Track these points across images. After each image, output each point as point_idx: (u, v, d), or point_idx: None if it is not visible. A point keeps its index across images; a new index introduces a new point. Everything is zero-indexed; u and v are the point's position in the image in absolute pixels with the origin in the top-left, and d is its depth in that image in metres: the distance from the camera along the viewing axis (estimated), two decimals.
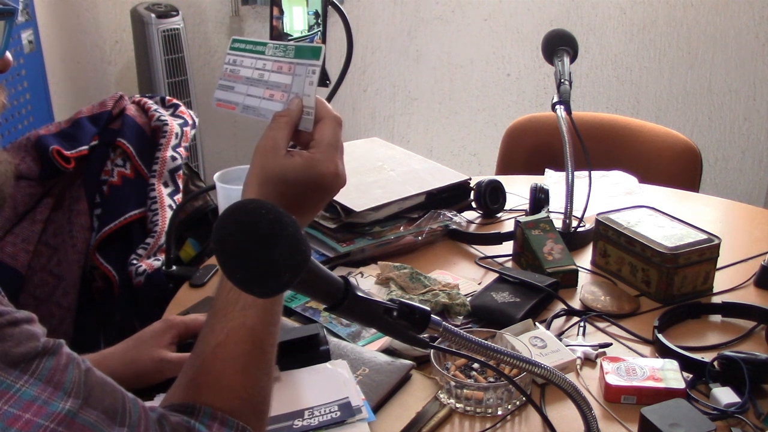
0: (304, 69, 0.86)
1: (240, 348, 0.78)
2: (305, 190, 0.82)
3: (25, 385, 0.61)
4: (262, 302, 0.79)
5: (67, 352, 0.66)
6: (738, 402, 1.06)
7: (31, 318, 0.66)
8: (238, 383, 0.77)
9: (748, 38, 3.25)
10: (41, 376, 0.62)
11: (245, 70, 0.92)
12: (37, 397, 0.61)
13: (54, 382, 0.62)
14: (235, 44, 0.94)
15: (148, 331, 1.13)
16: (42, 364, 0.62)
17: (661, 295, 1.36)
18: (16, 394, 0.60)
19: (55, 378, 0.63)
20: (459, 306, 1.30)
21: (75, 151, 1.66)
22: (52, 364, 0.63)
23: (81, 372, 0.66)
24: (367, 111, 3.47)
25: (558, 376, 0.79)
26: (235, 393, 0.77)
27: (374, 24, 3.34)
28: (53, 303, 1.65)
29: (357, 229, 1.50)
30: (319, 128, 0.84)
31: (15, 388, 0.60)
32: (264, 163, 0.81)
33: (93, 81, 3.29)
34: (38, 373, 0.62)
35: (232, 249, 0.63)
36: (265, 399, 0.80)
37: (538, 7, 3.29)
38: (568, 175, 1.54)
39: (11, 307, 0.65)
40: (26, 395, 0.61)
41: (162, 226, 1.66)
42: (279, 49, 0.89)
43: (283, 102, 0.87)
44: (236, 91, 0.91)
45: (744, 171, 3.46)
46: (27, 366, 0.62)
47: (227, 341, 0.78)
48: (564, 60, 1.64)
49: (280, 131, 0.82)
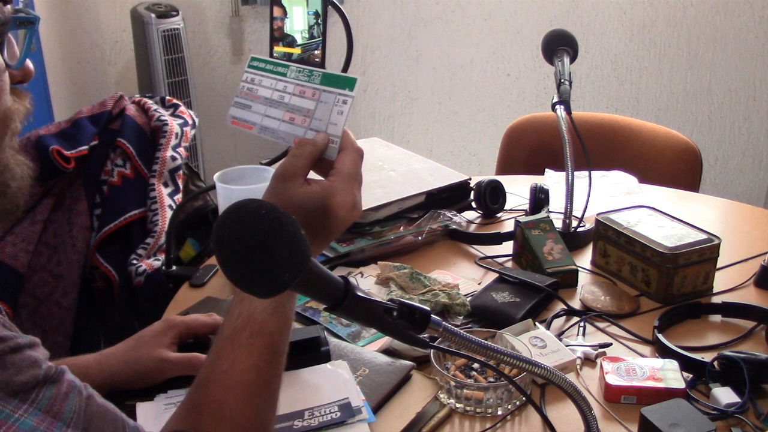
0: (333, 97, 0.84)
1: (245, 377, 0.77)
2: (321, 219, 0.81)
3: (24, 415, 0.60)
4: (269, 331, 0.78)
5: (69, 379, 0.65)
6: (738, 402, 1.06)
7: (34, 343, 0.65)
8: (240, 413, 0.76)
9: (748, 38, 3.25)
10: (41, 405, 0.61)
11: (264, 90, 0.89)
12: (36, 427, 0.60)
13: (53, 412, 0.62)
14: (253, 62, 0.91)
15: (149, 331, 1.13)
16: (42, 393, 0.62)
17: (661, 295, 1.36)
18: (15, 424, 0.59)
19: (54, 408, 0.62)
20: (459, 306, 1.30)
21: (75, 151, 1.66)
22: (52, 393, 0.62)
23: (82, 400, 0.65)
24: (367, 111, 3.47)
25: (558, 376, 0.79)
26: (236, 423, 0.76)
27: (374, 24, 3.34)
28: (53, 303, 1.65)
29: (357, 229, 1.50)
30: (340, 158, 0.83)
31: (14, 417, 0.59)
32: (282, 189, 0.80)
33: (93, 81, 3.29)
34: (38, 403, 0.61)
35: (232, 249, 0.63)
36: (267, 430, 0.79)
37: (538, 7, 3.29)
38: (568, 175, 1.54)
39: (15, 330, 0.64)
40: (25, 425, 0.60)
41: (162, 226, 1.66)
42: (303, 73, 0.87)
43: (304, 127, 0.85)
44: (253, 111, 0.89)
45: (744, 171, 3.46)
46: (27, 395, 0.61)
47: (233, 369, 0.76)
48: (564, 60, 1.64)
49: (302, 160, 0.81)
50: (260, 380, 0.78)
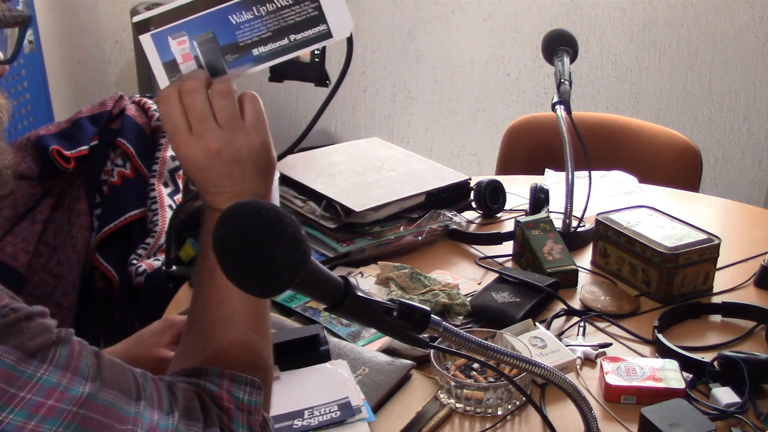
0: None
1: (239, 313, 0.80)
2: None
3: (45, 374, 0.63)
4: None
5: (77, 339, 0.68)
6: (738, 402, 1.07)
7: (44, 312, 0.68)
8: (242, 343, 0.80)
9: (748, 38, 3.25)
10: (59, 363, 0.64)
11: None
12: (58, 383, 0.64)
13: (72, 368, 0.65)
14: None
15: (148, 330, 1.14)
16: (58, 352, 0.65)
17: (661, 295, 1.36)
18: (38, 383, 0.62)
19: (72, 364, 0.65)
20: (459, 306, 1.30)
21: (75, 151, 1.66)
22: (68, 351, 0.66)
23: (93, 357, 0.68)
24: (367, 111, 3.47)
25: (558, 376, 0.79)
26: (239, 349, 0.79)
27: (374, 24, 3.33)
28: (53, 303, 1.65)
29: (357, 229, 1.50)
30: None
31: (37, 376, 0.63)
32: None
33: (93, 81, 3.29)
34: (56, 361, 0.64)
35: (232, 249, 0.63)
36: (268, 354, 0.83)
37: (538, 7, 3.28)
38: (568, 175, 1.54)
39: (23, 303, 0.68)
40: (48, 383, 0.63)
41: (162, 226, 1.66)
42: None
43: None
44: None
45: (744, 171, 3.46)
46: (44, 355, 0.64)
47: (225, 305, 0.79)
48: (564, 60, 1.64)
49: None
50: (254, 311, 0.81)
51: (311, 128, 1.52)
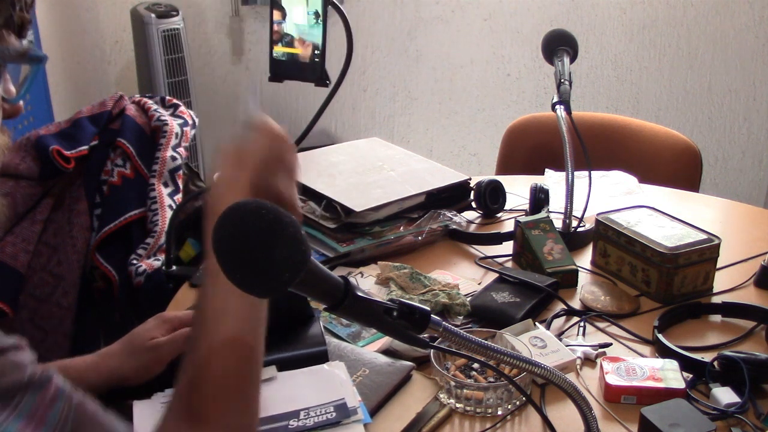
0: None
1: (230, 362, 0.78)
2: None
3: (6, 421, 0.58)
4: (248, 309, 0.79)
5: (57, 384, 0.62)
6: (738, 402, 1.06)
7: (19, 345, 0.62)
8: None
9: (748, 38, 3.25)
10: (23, 411, 0.59)
11: None
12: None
13: (37, 417, 0.59)
14: None
15: (142, 327, 1.14)
16: (25, 398, 0.59)
17: (661, 295, 1.36)
18: None
19: (38, 414, 0.59)
20: (459, 306, 1.30)
21: (75, 151, 1.66)
22: (36, 399, 0.60)
23: (71, 407, 0.62)
24: (367, 111, 3.47)
25: (558, 376, 0.79)
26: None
27: (374, 24, 3.33)
28: (53, 303, 1.65)
29: (357, 229, 1.50)
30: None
31: None
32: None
33: (93, 81, 3.29)
34: (20, 408, 0.59)
35: (232, 249, 0.63)
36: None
37: (538, 7, 3.29)
38: (568, 175, 1.54)
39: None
40: (8, 431, 0.58)
41: (162, 226, 1.66)
42: None
43: None
44: None
45: (744, 171, 3.46)
46: (9, 400, 0.58)
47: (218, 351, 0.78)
48: (564, 60, 1.64)
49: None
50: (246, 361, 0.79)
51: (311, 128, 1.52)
